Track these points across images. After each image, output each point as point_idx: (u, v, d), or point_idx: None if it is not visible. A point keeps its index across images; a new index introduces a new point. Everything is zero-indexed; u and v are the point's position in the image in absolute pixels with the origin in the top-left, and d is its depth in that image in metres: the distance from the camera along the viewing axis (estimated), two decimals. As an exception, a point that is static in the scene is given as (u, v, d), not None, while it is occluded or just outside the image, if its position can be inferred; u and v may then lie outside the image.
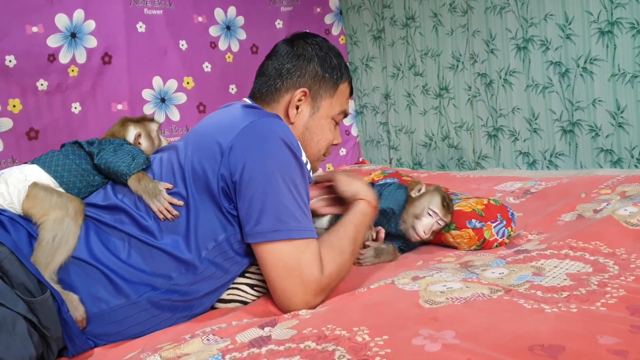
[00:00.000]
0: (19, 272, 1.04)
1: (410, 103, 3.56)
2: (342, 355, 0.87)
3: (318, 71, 1.40)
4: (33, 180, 1.19)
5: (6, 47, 2.54)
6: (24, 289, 1.04)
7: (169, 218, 1.19)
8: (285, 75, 1.38)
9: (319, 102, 1.41)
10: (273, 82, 1.39)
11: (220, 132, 1.23)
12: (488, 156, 3.14)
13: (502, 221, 1.60)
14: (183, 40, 3.17)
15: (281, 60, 1.40)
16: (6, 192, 1.17)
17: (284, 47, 1.43)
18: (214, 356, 0.95)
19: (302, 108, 1.39)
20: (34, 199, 1.16)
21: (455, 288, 1.13)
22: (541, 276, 1.19)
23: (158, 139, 1.46)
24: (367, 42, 3.80)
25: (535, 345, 0.83)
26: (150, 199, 1.19)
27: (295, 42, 1.42)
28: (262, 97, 1.40)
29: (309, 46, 1.41)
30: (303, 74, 1.39)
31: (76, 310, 1.10)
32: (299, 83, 1.38)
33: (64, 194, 1.21)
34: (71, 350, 1.12)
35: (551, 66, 2.73)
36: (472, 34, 3.11)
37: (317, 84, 1.40)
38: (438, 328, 0.93)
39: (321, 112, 1.42)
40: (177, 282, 1.19)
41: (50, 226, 1.13)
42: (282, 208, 1.17)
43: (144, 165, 1.27)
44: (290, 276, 1.18)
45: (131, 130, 1.41)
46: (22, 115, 2.60)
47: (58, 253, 1.11)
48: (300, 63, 1.39)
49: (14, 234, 1.12)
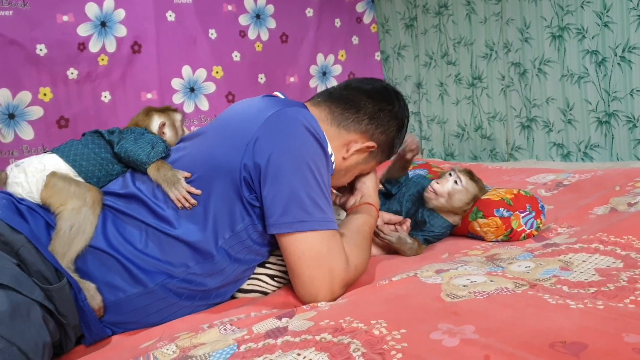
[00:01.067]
0: (36, 260, 1.05)
1: (443, 92, 3.50)
2: (357, 349, 0.85)
3: (392, 141, 1.43)
4: (51, 169, 1.20)
5: (37, 36, 2.58)
6: (41, 277, 1.05)
7: (186, 207, 1.18)
8: (373, 121, 1.37)
9: (371, 160, 1.43)
10: (361, 116, 1.36)
11: (245, 121, 1.22)
12: (521, 147, 3.07)
13: (531, 212, 1.55)
14: (212, 29, 3.17)
15: (379, 104, 1.38)
16: (25, 182, 1.18)
17: (385, 95, 1.41)
18: (230, 346, 0.94)
19: (358, 153, 1.39)
20: (52, 189, 1.17)
21: (479, 282, 1.10)
22: (568, 271, 1.15)
23: (182, 129, 1.46)
24: (399, 30, 3.75)
25: (557, 342, 0.80)
26: (168, 187, 1.19)
27: (396, 102, 1.42)
28: (336, 116, 1.36)
29: (403, 113, 1.43)
30: (384, 132, 1.39)
31: (93, 299, 1.10)
32: (377, 137, 1.38)
33: (82, 183, 1.22)
34: (88, 338, 1.13)
35: (587, 55, 2.65)
36: (506, 22, 3.04)
37: (383, 147, 1.42)
38: (458, 322, 0.91)
39: (365, 166, 1.44)
40: (194, 271, 1.19)
41: (68, 216, 1.13)
42: (308, 199, 1.16)
43: (164, 153, 1.27)
44: (320, 266, 1.17)
45: (155, 119, 1.41)
46: (52, 103, 2.64)
47: (75, 242, 1.12)
48: (391, 122, 1.39)
49: (32, 223, 1.13)
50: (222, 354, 0.91)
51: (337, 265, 1.18)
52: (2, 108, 2.54)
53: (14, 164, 1.23)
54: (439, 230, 1.60)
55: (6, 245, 1.04)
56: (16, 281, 0.97)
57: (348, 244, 1.25)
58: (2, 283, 0.94)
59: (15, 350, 0.87)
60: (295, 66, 3.52)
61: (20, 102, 2.58)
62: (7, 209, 1.12)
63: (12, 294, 0.94)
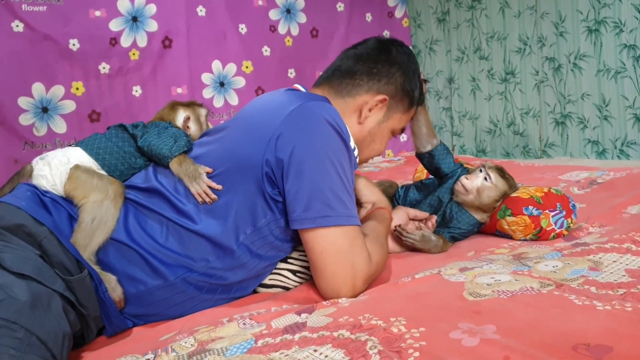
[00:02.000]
0: (58, 252, 1.06)
1: (475, 88, 3.45)
2: (374, 346, 0.84)
3: (405, 85, 1.37)
4: (75, 162, 1.21)
5: (70, 31, 2.62)
6: (63, 268, 1.06)
7: (207, 202, 1.18)
8: (373, 76, 1.34)
9: (392, 113, 1.38)
10: (358, 77, 1.34)
11: (267, 116, 1.21)
12: (555, 144, 3.01)
13: (561, 211, 1.51)
14: (242, 24, 3.18)
15: (373, 59, 1.35)
16: (49, 175, 1.19)
17: (376, 46, 1.38)
18: (247, 340, 0.94)
19: (374, 112, 1.36)
20: (75, 181, 1.18)
21: (504, 281, 1.08)
22: (597, 271, 1.11)
23: (206, 124, 1.46)
24: (431, 24, 3.71)
25: (580, 345, 0.77)
26: (190, 181, 1.19)
27: (391, 46, 1.38)
28: (337, 88, 1.35)
29: (404, 56, 1.38)
30: (391, 81, 1.35)
31: (114, 291, 1.11)
32: (383, 89, 1.35)
33: (104, 176, 1.23)
34: (109, 329, 1.13)
35: (625, 49, 2.58)
36: (541, 15, 2.98)
37: (399, 96, 1.37)
38: (479, 322, 0.89)
39: (389, 123, 1.39)
40: (214, 266, 1.18)
41: (90, 208, 1.14)
42: (331, 194, 1.15)
43: (186, 147, 1.27)
44: (342, 262, 1.15)
45: (180, 113, 1.41)
46: (84, 97, 2.68)
47: (97, 235, 1.13)
48: (391, 70, 1.35)
49: (55, 215, 1.14)
50: (239, 348, 0.91)
51: (360, 261, 1.17)
52: (36, 102, 2.59)
53: (38, 157, 1.25)
54: (465, 227, 1.57)
55: (29, 237, 1.05)
56: (38, 272, 0.98)
57: (369, 240, 1.24)
58: (24, 273, 0.95)
59: (35, 339, 0.88)
60: (325, 61, 3.48)
61: (53, 96, 2.63)
62: (32, 201, 1.13)
63: (33, 284, 0.95)
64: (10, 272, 0.94)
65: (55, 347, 0.92)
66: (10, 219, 1.06)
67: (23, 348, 0.85)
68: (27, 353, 0.85)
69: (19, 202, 1.10)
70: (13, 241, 1.03)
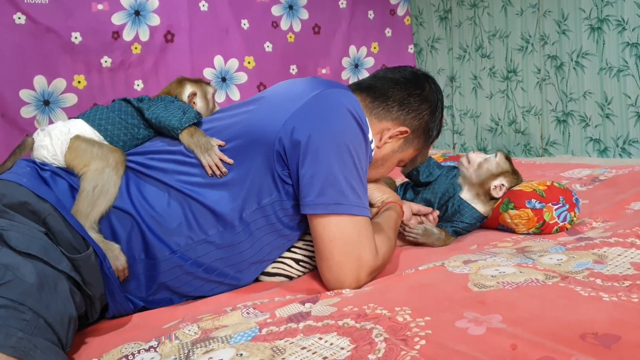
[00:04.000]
0: (63, 229, 1.05)
1: (477, 86, 3.45)
2: (380, 334, 0.84)
3: (428, 123, 1.39)
4: (76, 133, 1.20)
5: (72, 25, 2.61)
6: (69, 245, 1.04)
7: (217, 174, 1.18)
8: (404, 107, 1.35)
9: (407, 147, 1.41)
10: (391, 104, 1.35)
11: (288, 99, 1.22)
12: (557, 142, 3.00)
13: (564, 204, 1.51)
14: (245, 20, 3.17)
15: (407, 91, 1.36)
16: (50, 145, 1.19)
17: (412, 78, 1.39)
18: (251, 329, 0.94)
19: (392, 140, 1.38)
20: (75, 151, 1.17)
21: (508, 273, 1.07)
22: (602, 264, 1.11)
23: (213, 102, 1.46)
24: (433, 22, 3.70)
25: (588, 334, 0.77)
26: (201, 153, 1.18)
27: (425, 83, 1.40)
28: (368, 105, 1.35)
29: (436, 95, 1.41)
30: (417, 117, 1.37)
31: (117, 259, 1.10)
32: (409, 122, 1.36)
33: (105, 145, 1.22)
34: (112, 307, 1.13)
35: (627, 48, 2.57)
36: (543, 14, 2.97)
37: (418, 132, 1.39)
38: (484, 312, 0.89)
39: (401, 154, 1.42)
40: (212, 240, 1.18)
41: (91, 176, 1.13)
42: (346, 182, 1.15)
43: (196, 119, 1.26)
44: (349, 252, 1.15)
45: (187, 88, 1.41)
46: (86, 91, 2.67)
47: (98, 203, 1.11)
48: (422, 106, 1.37)
49: (55, 189, 1.13)
50: (244, 336, 0.91)
51: (366, 254, 1.16)
52: (37, 95, 2.58)
53: (39, 128, 1.25)
54: (468, 221, 1.56)
55: (34, 214, 1.04)
56: (45, 251, 0.97)
57: (377, 233, 1.24)
58: (31, 253, 0.94)
59: (42, 322, 0.87)
60: (327, 58, 3.50)
61: (55, 89, 2.62)
62: (32, 177, 1.12)
63: (40, 265, 0.94)
64: (17, 252, 0.93)
65: (62, 330, 0.91)
66: (13, 196, 1.04)
67: (30, 330, 0.85)
68: (34, 335, 0.85)
69: (20, 178, 1.09)
70: (17, 219, 1.01)
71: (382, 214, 1.40)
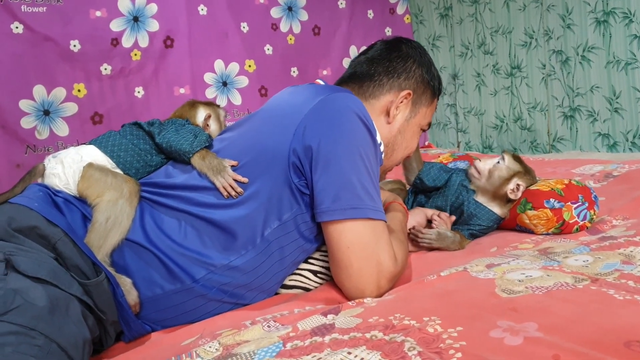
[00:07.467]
0: (73, 254, 1.02)
1: (480, 83, 3.41)
2: (413, 347, 0.80)
3: (425, 77, 1.37)
4: (89, 160, 1.17)
5: (71, 32, 2.57)
6: (79, 271, 1.01)
7: (232, 195, 1.14)
8: (391, 74, 1.34)
9: (418, 108, 1.38)
10: (378, 78, 1.33)
11: (294, 106, 1.19)
12: (564, 138, 2.97)
13: (584, 203, 1.47)
14: (244, 23, 3.13)
15: (386, 58, 1.35)
16: (62, 173, 1.15)
17: (385, 46, 1.38)
18: (275, 344, 0.90)
19: (401, 110, 1.35)
20: (88, 180, 1.14)
21: (535, 276, 1.04)
22: (632, 265, 1.07)
23: (224, 124, 1.44)
24: (433, 20, 3.67)
25: (633, 341, 0.73)
26: (214, 175, 1.15)
27: (399, 43, 1.38)
28: (358, 91, 1.34)
29: (415, 50, 1.38)
30: (410, 76, 1.35)
31: (129, 294, 1.07)
32: (405, 84, 1.34)
33: (119, 174, 1.18)
34: (127, 334, 1.09)
35: (635, 40, 2.54)
36: (547, 8, 2.94)
37: (420, 89, 1.37)
38: (518, 319, 0.85)
39: (417, 118, 1.39)
40: (234, 265, 1.13)
41: (104, 208, 1.10)
42: (360, 186, 1.12)
43: (207, 142, 1.24)
44: (368, 257, 1.11)
45: (201, 111, 1.39)
46: (86, 99, 2.63)
47: (111, 235, 1.08)
48: (407, 64, 1.35)
49: (68, 216, 1.10)
50: (268, 352, 0.87)
51: (385, 259, 1.13)
52: (37, 104, 2.53)
53: (51, 155, 1.21)
54: (485, 223, 1.53)
55: (43, 239, 1.01)
56: (54, 275, 0.94)
57: (392, 238, 1.20)
58: (40, 277, 0.91)
59: (55, 347, 0.84)
60: (328, 59, 3.46)
61: (55, 98, 2.58)
62: (44, 202, 1.09)
63: (51, 289, 0.91)
64: (26, 276, 0.90)
65: (76, 353, 0.87)
66: (23, 221, 1.01)
67: (44, 356, 0.81)
68: None
69: (31, 202, 1.06)
70: (26, 244, 0.98)
71: (387, 216, 1.34)
